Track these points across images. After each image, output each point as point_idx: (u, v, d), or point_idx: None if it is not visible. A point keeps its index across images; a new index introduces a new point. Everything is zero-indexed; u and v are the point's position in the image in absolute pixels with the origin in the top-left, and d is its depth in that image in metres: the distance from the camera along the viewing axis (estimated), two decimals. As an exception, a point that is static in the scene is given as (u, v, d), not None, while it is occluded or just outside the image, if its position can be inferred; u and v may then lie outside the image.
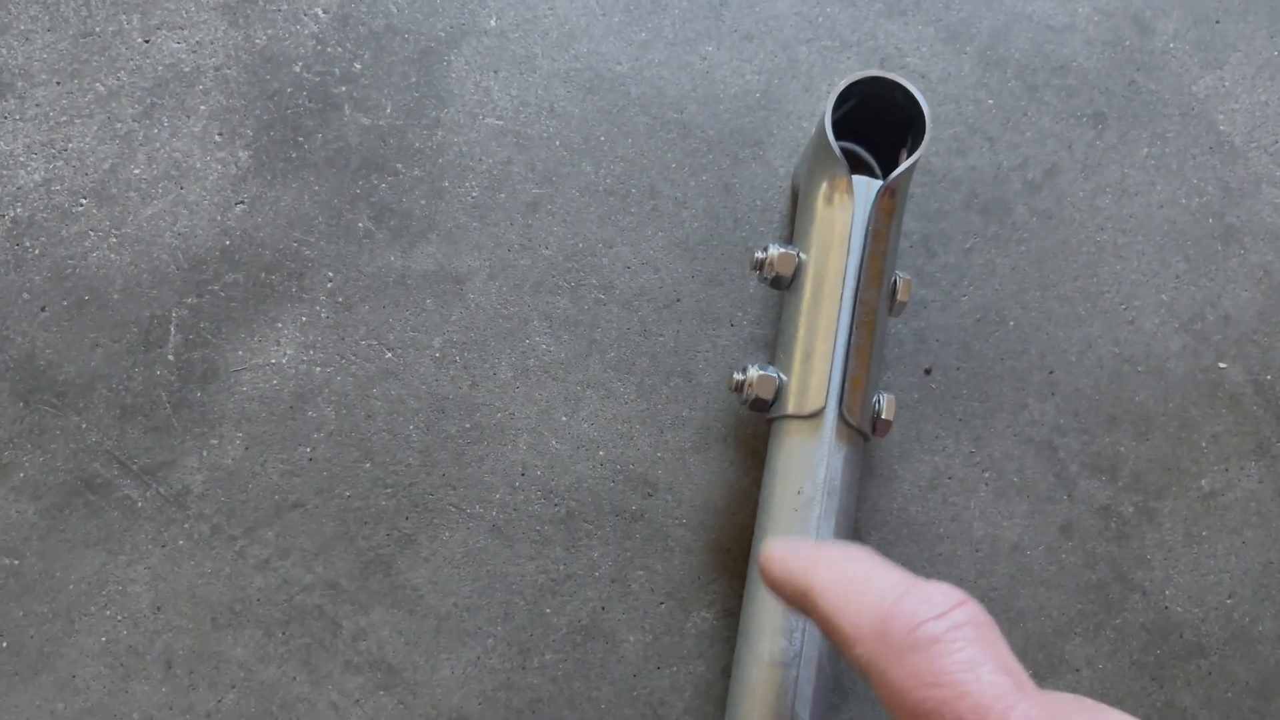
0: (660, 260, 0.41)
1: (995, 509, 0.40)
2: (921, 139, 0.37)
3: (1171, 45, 0.45)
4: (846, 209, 0.37)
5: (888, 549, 0.40)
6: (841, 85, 0.37)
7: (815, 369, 0.36)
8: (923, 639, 0.21)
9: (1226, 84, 0.45)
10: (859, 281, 0.36)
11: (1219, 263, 0.43)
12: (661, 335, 0.40)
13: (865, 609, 0.22)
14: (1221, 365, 0.42)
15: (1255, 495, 0.41)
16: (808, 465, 0.35)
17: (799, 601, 0.25)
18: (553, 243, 0.41)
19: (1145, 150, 0.44)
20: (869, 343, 0.36)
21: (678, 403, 0.40)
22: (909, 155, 0.38)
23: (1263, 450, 0.41)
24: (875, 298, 0.37)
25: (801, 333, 0.36)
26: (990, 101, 0.44)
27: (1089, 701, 0.21)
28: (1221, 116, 0.44)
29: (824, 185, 0.37)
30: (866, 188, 0.37)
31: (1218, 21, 0.45)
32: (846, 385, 0.35)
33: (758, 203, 0.42)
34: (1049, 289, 0.42)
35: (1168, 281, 0.43)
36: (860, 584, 0.23)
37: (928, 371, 0.41)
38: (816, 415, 0.35)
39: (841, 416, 0.35)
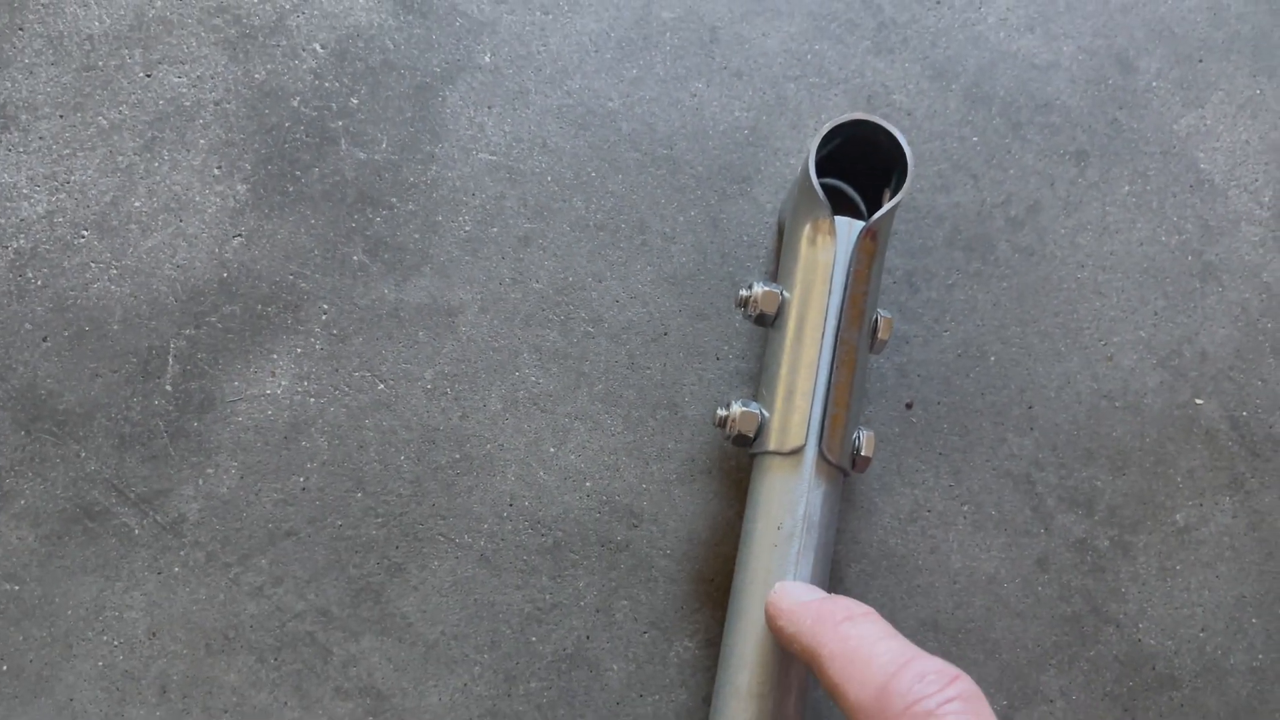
0: (648, 294, 0.42)
1: (973, 542, 0.41)
2: (904, 181, 0.38)
3: (1154, 84, 0.46)
4: (829, 249, 0.38)
5: (867, 580, 0.40)
6: (826, 128, 0.38)
7: (796, 407, 0.37)
8: (918, 714, 0.23)
9: (1208, 123, 0.46)
10: (840, 321, 0.37)
11: (1197, 300, 0.44)
12: (649, 368, 0.41)
13: (867, 682, 0.25)
14: (1198, 401, 0.43)
15: (1229, 530, 0.42)
16: (788, 501, 0.36)
17: (805, 660, 0.28)
18: (543, 276, 0.42)
19: (1126, 188, 0.45)
20: (849, 381, 0.37)
21: (664, 435, 0.41)
22: (892, 196, 0.39)
23: (1237, 485, 0.42)
24: (856, 337, 0.37)
25: (784, 370, 0.37)
26: (974, 139, 0.44)
27: None
28: (1202, 155, 0.45)
29: (808, 226, 0.38)
30: (849, 229, 0.38)
31: (1200, 61, 0.46)
32: (826, 423, 0.36)
33: (744, 238, 0.43)
34: (1029, 325, 0.43)
35: (1146, 318, 0.43)
36: (863, 655, 0.26)
37: (909, 406, 0.42)
38: (797, 452, 0.36)
39: (821, 454, 0.36)
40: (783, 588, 0.30)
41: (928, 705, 0.23)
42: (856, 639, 0.27)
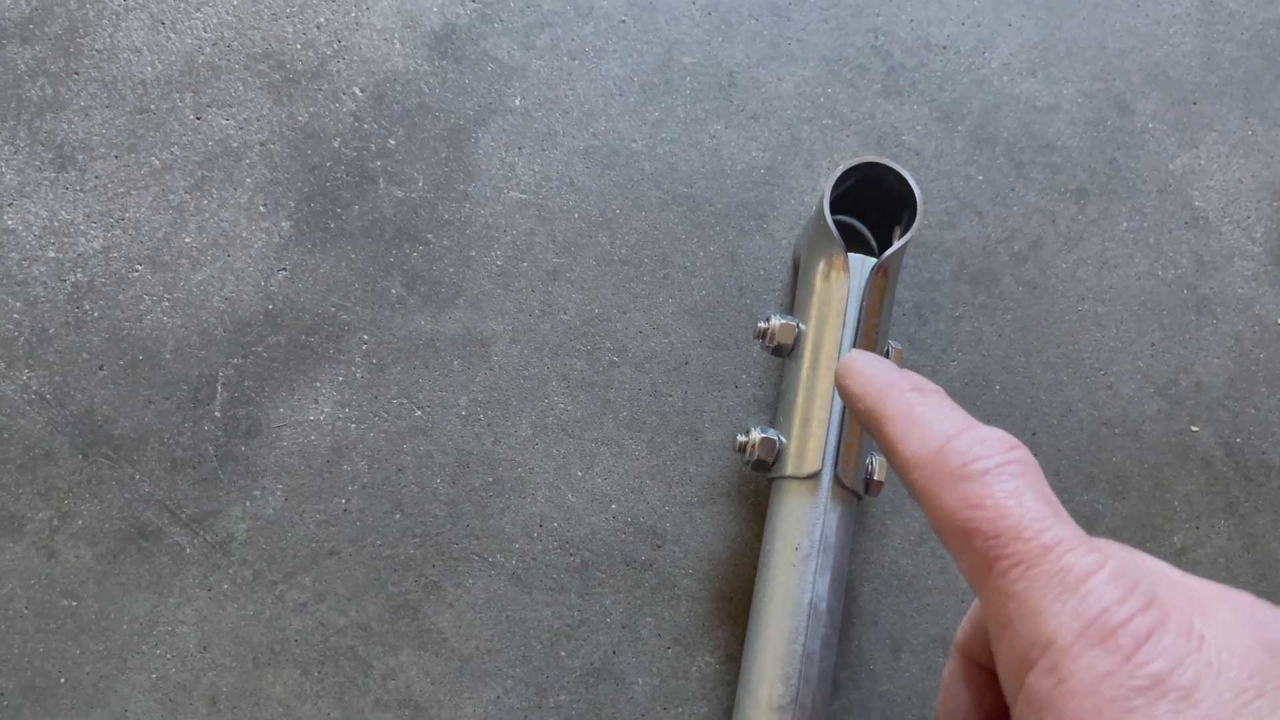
0: (670, 326, 0.44)
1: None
2: (914, 219, 0.40)
3: (1150, 125, 0.48)
4: (843, 285, 0.40)
5: (880, 599, 0.42)
6: (839, 170, 0.40)
7: (813, 434, 0.39)
8: (974, 470, 0.23)
9: (1202, 162, 0.48)
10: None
11: (1193, 332, 0.46)
12: (671, 396, 0.43)
13: (926, 441, 0.24)
14: (1194, 429, 0.45)
15: (1224, 551, 0.44)
16: (805, 523, 0.38)
17: (865, 420, 0.28)
18: (571, 308, 0.44)
19: (1124, 224, 0.47)
20: (863, 410, 0.39)
21: (685, 460, 0.43)
22: (902, 234, 0.42)
23: (1232, 509, 0.44)
24: (869, 367, 0.40)
25: (800, 399, 0.39)
26: (980, 177, 0.47)
27: (1125, 546, 0.23)
28: (1197, 193, 0.48)
29: (822, 262, 0.41)
30: (861, 265, 0.40)
31: (1194, 103, 0.49)
32: (841, 449, 0.38)
33: (761, 272, 0.45)
34: (1032, 355, 0.45)
35: (1144, 349, 0.46)
36: (924, 418, 0.25)
37: (918, 432, 0.44)
38: (814, 477, 0.38)
39: (837, 479, 0.38)
40: (856, 354, 0.30)
41: (985, 465, 0.23)
42: (921, 404, 0.26)
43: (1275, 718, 0.18)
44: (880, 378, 0.28)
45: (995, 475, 0.23)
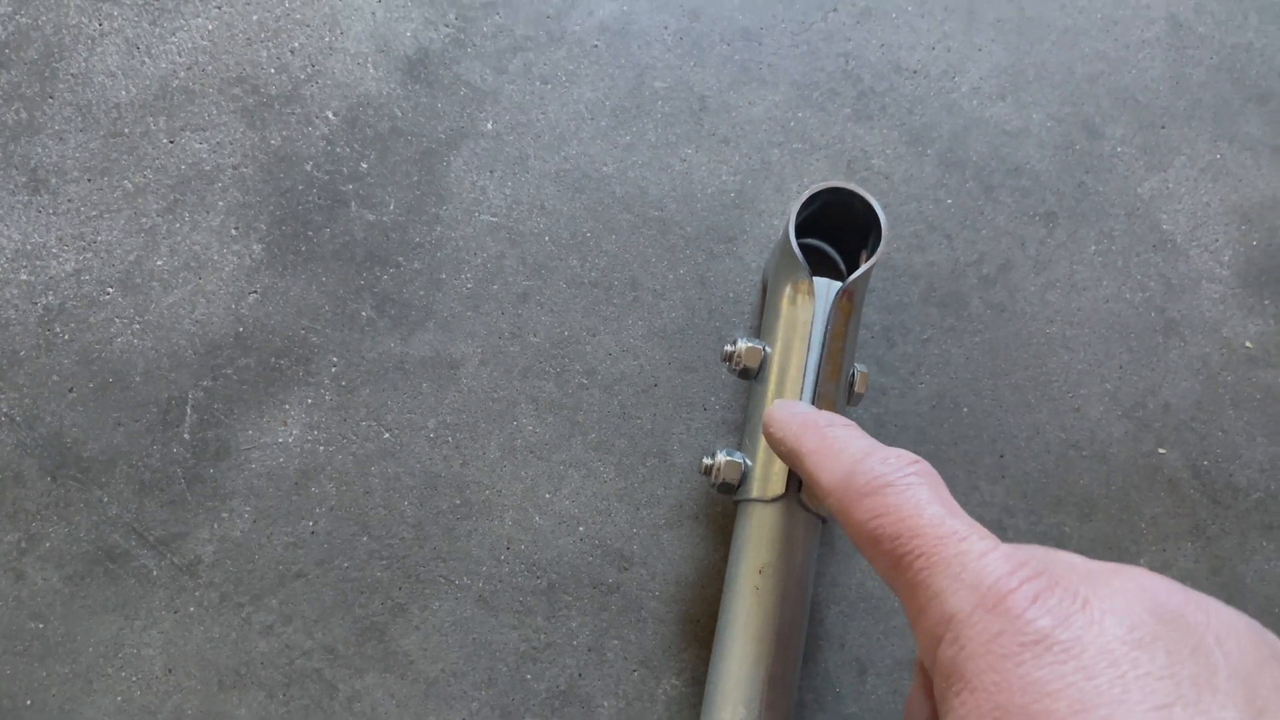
0: (640, 348, 0.44)
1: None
2: (879, 243, 0.40)
3: (1119, 149, 0.48)
4: (808, 308, 0.40)
5: (846, 621, 0.43)
6: (805, 195, 0.41)
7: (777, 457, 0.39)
8: (876, 486, 0.26)
9: (1170, 186, 0.48)
10: (819, 375, 0.39)
11: (1160, 354, 0.46)
12: (639, 418, 0.44)
13: (836, 468, 0.28)
14: (1161, 451, 0.45)
15: (1191, 574, 0.44)
16: (769, 546, 0.38)
17: (790, 461, 0.31)
18: (541, 331, 0.44)
19: (1093, 248, 0.47)
20: (827, 433, 0.39)
21: (653, 482, 0.43)
22: (868, 257, 0.42)
23: (1199, 531, 0.44)
24: (834, 390, 0.40)
25: (766, 422, 0.40)
26: (949, 201, 0.47)
27: (1037, 547, 0.25)
28: (1165, 216, 0.48)
29: (788, 286, 0.41)
30: (827, 289, 0.40)
31: (1163, 127, 0.49)
32: (805, 473, 0.38)
33: (730, 295, 0.45)
34: (1001, 378, 0.45)
35: (1112, 371, 0.46)
36: (834, 448, 0.29)
37: (886, 455, 0.44)
38: (778, 500, 0.39)
39: (801, 502, 0.38)
40: (777, 404, 0.35)
41: (886, 479, 0.26)
42: (833, 437, 0.30)
43: (1152, 665, 0.20)
44: (798, 420, 0.32)
45: (896, 487, 0.26)
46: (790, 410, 0.33)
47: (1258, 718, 0.19)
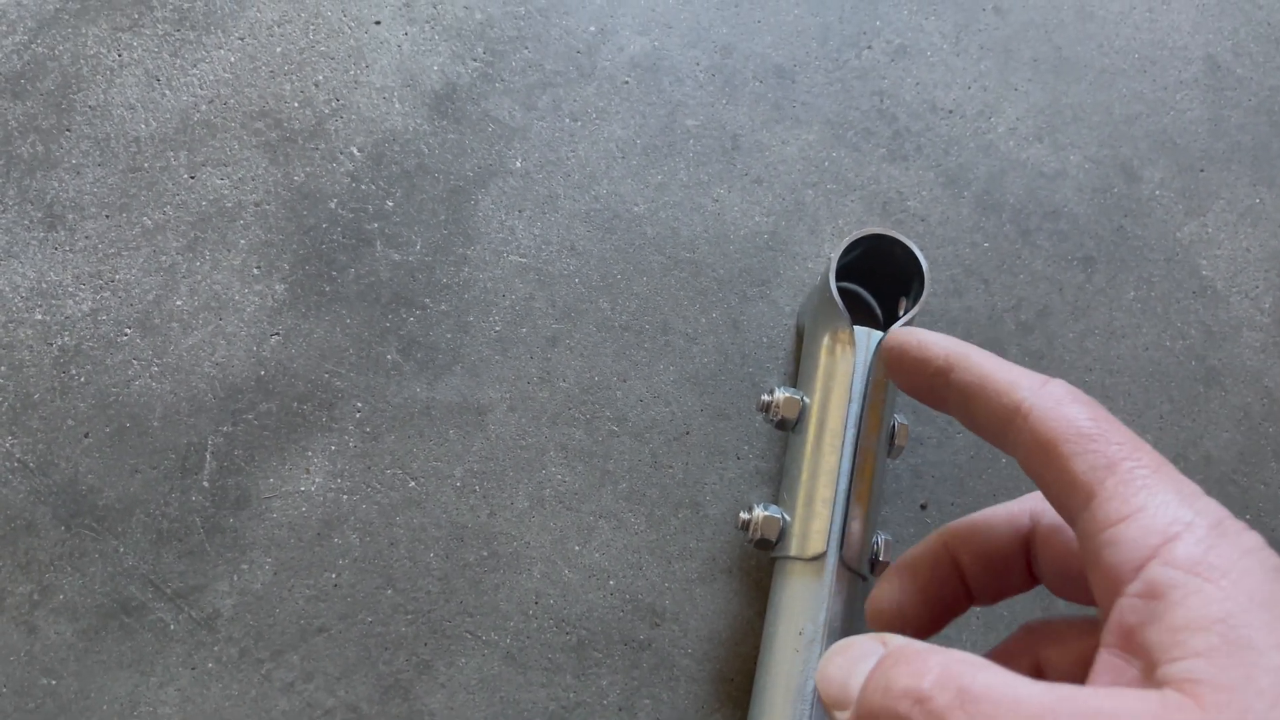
0: (671, 394, 0.43)
1: (986, 642, 0.42)
2: (921, 291, 0.39)
3: (1158, 193, 0.48)
4: (848, 359, 0.39)
5: (883, 680, 0.41)
6: (846, 242, 0.40)
7: (817, 514, 0.38)
8: (1084, 398, 0.24)
9: (1209, 230, 0.47)
10: (859, 429, 0.38)
11: (1201, 404, 0.45)
12: (671, 467, 0.42)
13: (1014, 372, 0.25)
14: (1203, 504, 0.44)
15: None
16: (809, 607, 0.37)
17: (938, 376, 0.27)
18: (570, 376, 0.43)
19: (1132, 294, 0.46)
20: (868, 489, 0.38)
21: (686, 534, 0.42)
22: (909, 306, 0.41)
23: (1242, 588, 0.43)
24: (874, 444, 0.39)
25: (805, 476, 0.39)
26: (986, 244, 0.46)
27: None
28: (1205, 262, 0.47)
29: (827, 335, 0.40)
30: (867, 338, 0.39)
31: (1202, 170, 0.48)
32: (847, 531, 0.37)
33: (764, 340, 0.44)
34: (1040, 427, 0.44)
35: (1152, 422, 0.45)
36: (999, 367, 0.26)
37: (923, 507, 0.43)
38: (818, 559, 0.37)
39: (841, 560, 0.37)
40: (904, 329, 0.29)
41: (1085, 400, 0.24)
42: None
43: None
44: (944, 340, 0.28)
45: (1095, 407, 0.24)
46: (923, 333, 0.29)
47: None
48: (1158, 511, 0.22)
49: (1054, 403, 0.24)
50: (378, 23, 0.46)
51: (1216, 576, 0.21)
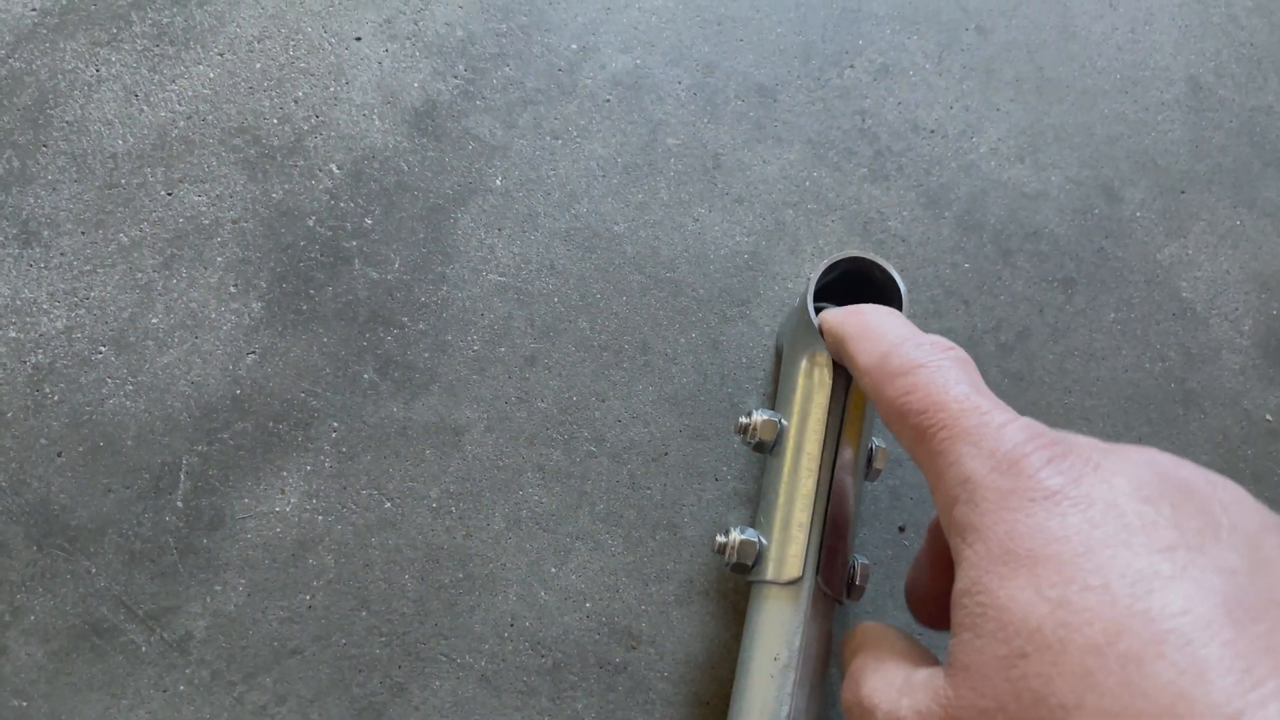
0: (650, 414, 0.43)
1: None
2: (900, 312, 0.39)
3: (1138, 214, 0.48)
4: (826, 382, 0.39)
5: (860, 703, 0.41)
6: (824, 264, 0.39)
7: (793, 538, 0.38)
8: (910, 366, 0.28)
9: (1190, 252, 0.47)
10: (837, 452, 0.38)
11: (1180, 426, 0.45)
12: (649, 488, 0.42)
13: (873, 350, 0.29)
14: (1182, 527, 0.44)
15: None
16: (785, 632, 0.37)
17: (835, 349, 0.34)
18: (548, 396, 0.43)
19: (1112, 315, 0.46)
20: (846, 512, 0.38)
21: (663, 556, 0.42)
22: (887, 329, 0.41)
23: (1220, 611, 0.43)
24: (852, 467, 0.39)
25: (781, 499, 0.38)
26: (966, 265, 0.46)
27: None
28: (1185, 284, 0.47)
29: (805, 358, 0.40)
30: (846, 361, 0.39)
31: (1183, 192, 0.48)
32: (823, 555, 0.37)
33: (744, 360, 0.44)
34: (1019, 449, 0.44)
35: (1131, 444, 0.45)
36: (876, 333, 0.30)
37: (901, 529, 0.43)
38: (794, 583, 0.37)
39: (818, 585, 0.37)
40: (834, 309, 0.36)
41: (920, 359, 0.27)
42: (875, 323, 0.31)
43: (1158, 516, 0.21)
44: (845, 309, 0.34)
45: (927, 368, 0.27)
46: (842, 310, 0.35)
47: (1260, 569, 0.20)
48: (948, 476, 0.25)
49: (882, 386, 0.28)
50: (358, 39, 0.46)
51: (975, 540, 0.23)
